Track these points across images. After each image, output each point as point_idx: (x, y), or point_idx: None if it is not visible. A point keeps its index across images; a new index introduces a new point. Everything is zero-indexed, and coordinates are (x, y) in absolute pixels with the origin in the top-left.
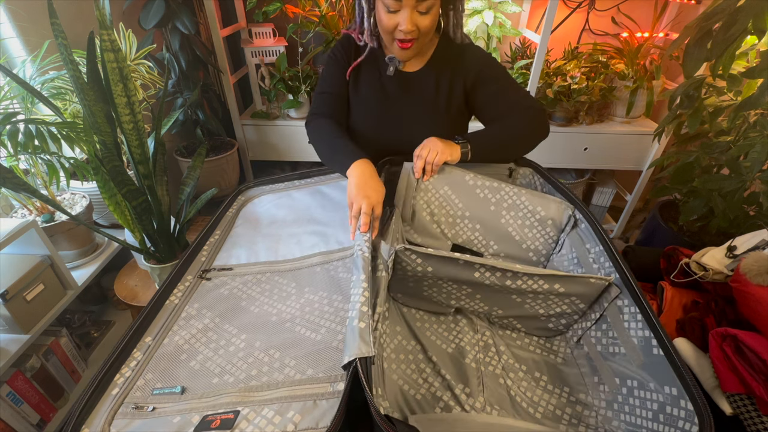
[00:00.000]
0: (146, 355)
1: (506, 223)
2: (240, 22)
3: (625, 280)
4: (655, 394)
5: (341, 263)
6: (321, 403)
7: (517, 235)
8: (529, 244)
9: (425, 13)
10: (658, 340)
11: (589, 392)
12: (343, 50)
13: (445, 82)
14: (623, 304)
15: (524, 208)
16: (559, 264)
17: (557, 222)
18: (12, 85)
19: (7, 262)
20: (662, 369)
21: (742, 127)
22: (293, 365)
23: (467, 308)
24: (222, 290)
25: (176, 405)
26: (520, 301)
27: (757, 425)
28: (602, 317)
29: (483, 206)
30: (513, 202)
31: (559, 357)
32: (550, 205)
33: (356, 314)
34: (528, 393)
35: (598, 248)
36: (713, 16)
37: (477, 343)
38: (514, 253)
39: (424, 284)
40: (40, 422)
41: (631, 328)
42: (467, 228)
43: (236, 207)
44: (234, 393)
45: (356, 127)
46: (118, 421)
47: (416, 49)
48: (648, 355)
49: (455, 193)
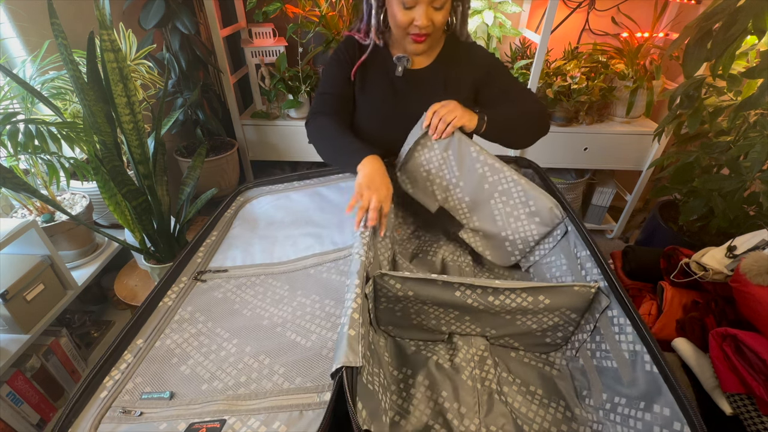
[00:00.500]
0: (137, 358)
1: (494, 206)
2: (240, 22)
3: (613, 288)
4: (641, 413)
5: (334, 264)
6: (307, 414)
7: (500, 221)
8: (509, 233)
9: (439, 9)
10: (651, 355)
11: (583, 407)
12: (346, 51)
13: (453, 78)
14: (612, 315)
15: (516, 198)
16: (547, 271)
17: (545, 220)
18: (12, 85)
19: (7, 262)
20: (653, 386)
21: (742, 127)
22: (282, 372)
23: (460, 332)
24: (216, 293)
25: (164, 411)
26: (511, 319)
27: (757, 425)
28: (596, 329)
29: (478, 182)
30: (508, 188)
31: (555, 369)
32: (543, 201)
33: (347, 320)
34: (523, 408)
35: (585, 253)
36: (713, 16)
37: (472, 358)
38: (492, 235)
39: (411, 311)
40: (40, 422)
41: (621, 341)
42: (457, 198)
43: (235, 208)
44: (222, 401)
45: (363, 125)
46: (104, 426)
47: (429, 43)
48: (639, 371)
49: (456, 160)
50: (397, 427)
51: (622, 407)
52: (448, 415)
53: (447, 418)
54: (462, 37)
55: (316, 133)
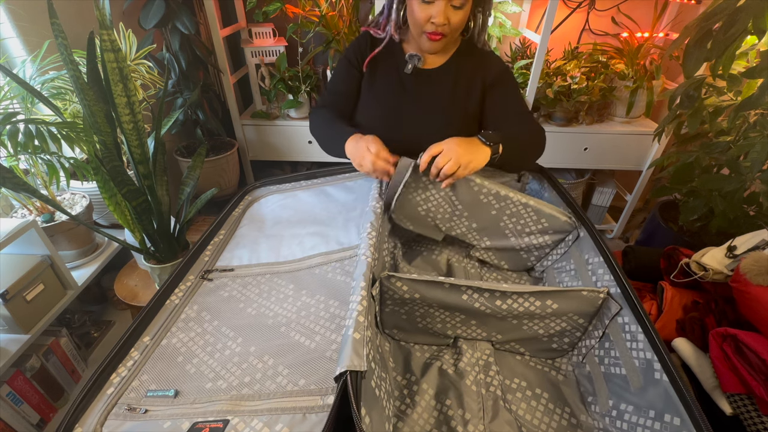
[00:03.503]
0: (143, 355)
1: (504, 226)
2: (240, 22)
3: (626, 295)
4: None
5: (339, 265)
6: (310, 417)
7: (512, 237)
8: (522, 245)
9: (459, 8)
10: (662, 363)
11: (589, 413)
12: (358, 49)
13: (463, 80)
14: (623, 322)
15: (527, 218)
16: (558, 275)
17: (558, 231)
18: (12, 85)
19: (7, 262)
20: (664, 395)
21: (742, 127)
22: (286, 374)
23: (465, 336)
24: (222, 292)
25: (168, 409)
26: (517, 323)
27: (757, 425)
28: (605, 335)
29: (484, 210)
30: (517, 210)
31: (561, 374)
32: (555, 218)
33: (352, 323)
34: (528, 416)
35: (597, 259)
36: (713, 16)
37: (477, 362)
38: (505, 248)
39: (417, 315)
40: (40, 422)
41: (632, 349)
42: (463, 226)
43: (243, 206)
44: (225, 400)
45: (368, 121)
46: (110, 422)
47: (444, 43)
48: (649, 380)
49: (456, 195)
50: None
51: (629, 414)
52: (452, 423)
53: (451, 426)
54: (479, 44)
55: (313, 123)
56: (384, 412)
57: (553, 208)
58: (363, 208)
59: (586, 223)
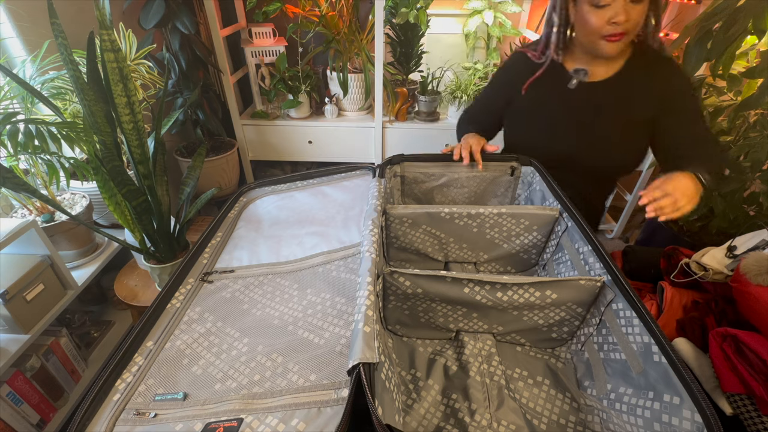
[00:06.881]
0: (148, 360)
1: (492, 238)
2: (240, 22)
3: (617, 282)
4: (650, 402)
5: (343, 263)
6: (325, 411)
7: (504, 244)
8: (517, 248)
9: (637, 2)
10: (659, 346)
11: (586, 397)
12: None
13: (634, 92)
14: (618, 308)
15: (507, 224)
16: (556, 267)
17: (542, 225)
18: (12, 85)
19: (7, 262)
20: (663, 377)
21: (742, 127)
22: (296, 370)
23: (467, 329)
24: (224, 293)
25: (178, 411)
26: (518, 315)
27: (757, 425)
28: (602, 322)
29: (465, 230)
30: (494, 221)
31: (560, 362)
32: (532, 213)
33: (361, 317)
34: (531, 403)
35: (587, 248)
36: (713, 16)
37: (480, 353)
38: (504, 255)
39: (419, 309)
40: (40, 422)
41: (629, 334)
42: (456, 251)
43: (238, 208)
44: (237, 400)
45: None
46: (119, 428)
47: (624, 44)
48: (649, 362)
49: (435, 228)
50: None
51: (628, 397)
52: (459, 414)
53: (458, 417)
54: (654, 45)
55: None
56: (394, 404)
57: (526, 208)
58: (362, 206)
59: (573, 213)
